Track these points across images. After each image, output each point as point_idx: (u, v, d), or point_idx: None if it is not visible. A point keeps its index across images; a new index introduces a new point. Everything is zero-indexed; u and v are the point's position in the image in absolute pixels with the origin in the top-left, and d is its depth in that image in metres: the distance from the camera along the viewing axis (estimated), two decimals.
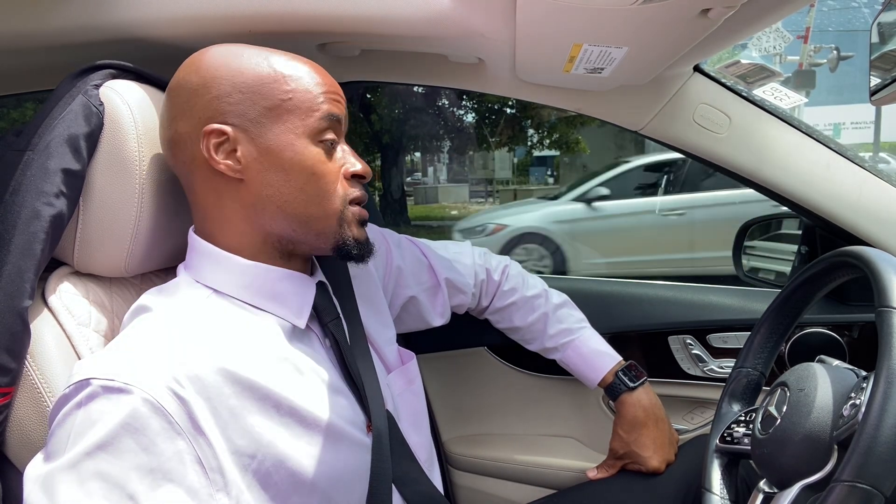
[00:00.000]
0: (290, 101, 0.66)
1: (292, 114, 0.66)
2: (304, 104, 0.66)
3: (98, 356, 0.58)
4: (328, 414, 0.67)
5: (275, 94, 0.66)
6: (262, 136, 0.65)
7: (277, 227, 0.68)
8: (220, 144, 0.65)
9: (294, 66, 0.68)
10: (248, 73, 0.66)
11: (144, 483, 0.52)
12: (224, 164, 0.65)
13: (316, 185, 0.67)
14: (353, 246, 0.70)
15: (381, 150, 10.34)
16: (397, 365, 0.86)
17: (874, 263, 0.63)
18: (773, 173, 1.01)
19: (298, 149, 0.66)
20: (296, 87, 0.66)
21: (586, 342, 1.05)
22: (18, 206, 0.64)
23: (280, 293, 0.69)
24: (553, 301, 1.08)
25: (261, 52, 0.68)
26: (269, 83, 0.66)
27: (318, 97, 0.67)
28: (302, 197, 0.67)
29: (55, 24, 0.82)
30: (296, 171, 0.66)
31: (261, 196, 0.66)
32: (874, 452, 0.51)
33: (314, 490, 0.64)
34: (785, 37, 7.80)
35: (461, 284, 1.04)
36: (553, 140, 12.21)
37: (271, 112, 0.65)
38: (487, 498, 1.25)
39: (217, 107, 0.65)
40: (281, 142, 0.65)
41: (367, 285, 0.87)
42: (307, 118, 0.66)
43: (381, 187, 10.39)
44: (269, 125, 0.65)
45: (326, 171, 0.68)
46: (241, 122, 0.65)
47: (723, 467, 0.78)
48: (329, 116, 0.68)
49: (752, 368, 0.84)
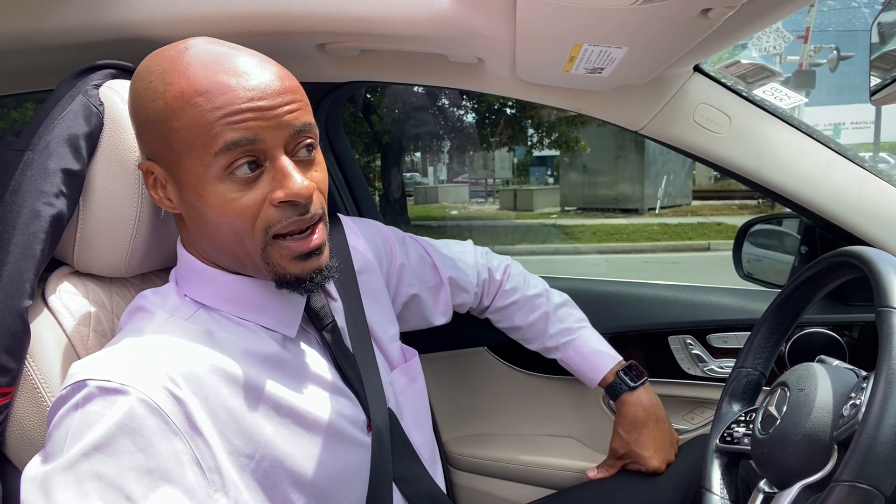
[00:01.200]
0: (183, 138, 0.58)
1: (188, 153, 0.59)
2: (197, 141, 0.58)
3: (94, 357, 0.58)
4: (327, 414, 0.67)
5: (169, 133, 0.59)
6: (176, 174, 0.61)
7: (224, 260, 0.65)
8: (155, 181, 0.64)
9: (186, 90, 0.58)
10: (149, 110, 0.60)
11: (142, 483, 0.52)
12: (160, 200, 0.64)
13: (229, 227, 0.60)
14: (290, 282, 0.63)
15: (381, 150, 10.34)
16: (400, 362, 0.86)
17: (874, 263, 0.63)
18: (773, 173, 1.01)
19: (202, 190, 0.59)
20: (184, 124, 0.58)
21: (587, 342, 1.05)
22: (18, 206, 0.64)
23: (264, 306, 0.67)
24: (554, 301, 1.09)
25: (165, 71, 0.60)
26: (163, 121, 0.59)
27: (210, 128, 0.57)
28: (220, 236, 0.62)
29: (55, 24, 0.82)
30: (206, 210, 0.60)
31: (197, 231, 0.64)
32: (874, 452, 0.51)
33: (313, 490, 0.64)
34: (785, 37, 7.80)
35: (464, 283, 1.04)
36: (553, 140, 12.22)
37: (172, 152, 0.60)
38: (487, 498, 1.25)
39: (144, 144, 0.64)
40: (189, 181, 0.60)
41: (372, 282, 0.87)
42: (204, 156, 0.58)
43: (381, 187, 10.38)
44: (177, 164, 0.60)
45: (238, 210, 0.59)
46: (159, 160, 0.62)
47: (723, 467, 0.78)
48: (227, 147, 0.57)
49: (752, 368, 0.84)
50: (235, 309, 0.66)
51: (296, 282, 0.63)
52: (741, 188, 10.69)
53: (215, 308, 0.66)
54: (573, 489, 1.05)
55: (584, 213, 13.10)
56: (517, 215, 13.42)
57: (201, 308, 0.66)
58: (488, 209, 15.01)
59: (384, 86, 7.90)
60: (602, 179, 13.36)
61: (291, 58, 0.96)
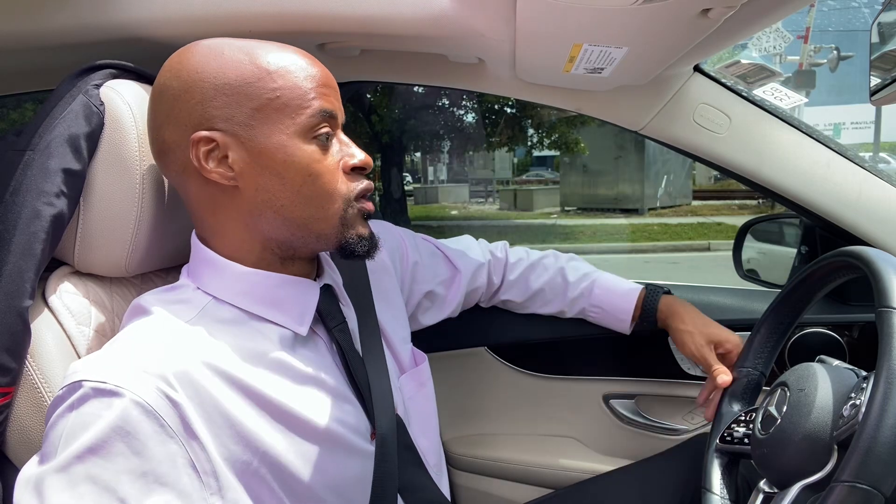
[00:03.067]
0: (277, 99, 0.62)
1: (281, 112, 0.62)
2: (294, 101, 0.63)
3: (92, 357, 0.57)
4: (328, 422, 0.66)
5: (261, 93, 0.62)
6: (252, 139, 0.62)
7: (276, 233, 0.65)
8: (210, 152, 0.62)
9: (280, 59, 0.64)
10: (231, 73, 0.62)
11: (136, 487, 0.51)
12: (216, 172, 0.62)
13: (313, 186, 0.64)
14: (356, 244, 0.67)
15: (381, 150, 10.34)
16: (411, 365, 0.85)
17: (874, 264, 0.63)
18: (773, 173, 1.01)
19: (291, 150, 0.63)
20: (283, 84, 0.62)
21: (607, 278, 1.07)
22: (19, 205, 0.64)
23: (279, 300, 0.67)
24: (563, 257, 1.11)
25: (244, 46, 0.64)
26: (254, 82, 0.62)
27: (308, 93, 0.63)
28: (300, 200, 0.64)
29: (55, 24, 0.82)
30: (291, 173, 0.63)
31: (256, 202, 0.64)
32: (874, 453, 0.51)
33: (311, 498, 0.64)
34: (785, 37, 7.80)
35: (476, 267, 1.06)
36: (553, 140, 12.22)
37: (259, 113, 0.62)
38: (487, 498, 1.25)
39: (202, 112, 0.62)
40: (272, 143, 0.62)
41: (385, 282, 0.86)
42: (298, 116, 0.63)
43: (381, 187, 10.39)
44: (259, 127, 0.62)
45: (323, 170, 0.64)
46: (229, 126, 0.62)
47: (723, 467, 0.78)
48: (321, 112, 0.64)
49: (752, 368, 0.84)
50: (248, 303, 0.66)
51: (363, 242, 0.68)
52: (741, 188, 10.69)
53: (227, 301, 0.66)
54: (572, 489, 1.05)
55: (584, 213, 13.10)
56: (517, 215, 13.43)
57: (211, 301, 0.65)
58: (488, 209, 15.02)
59: (384, 86, 7.90)
60: (602, 179, 13.36)
61: None
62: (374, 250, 0.70)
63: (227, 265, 0.66)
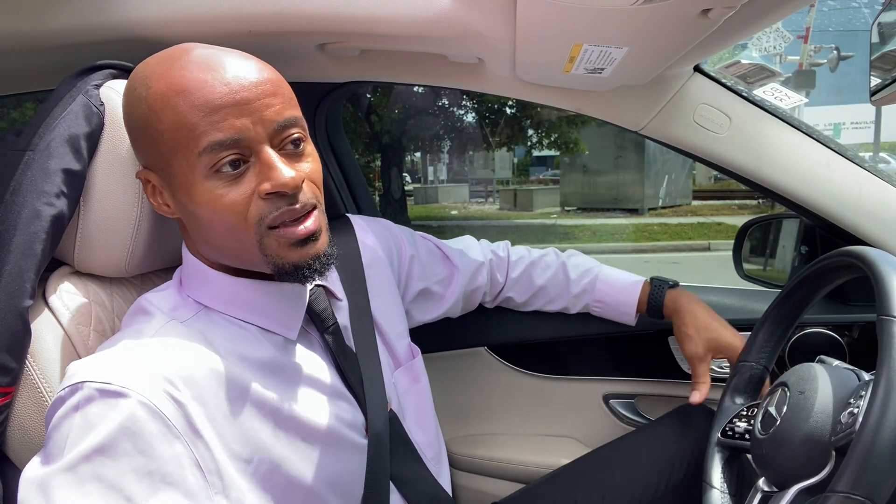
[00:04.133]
0: (167, 141, 0.59)
1: (175, 155, 0.59)
2: (182, 142, 0.58)
3: (93, 358, 0.58)
4: (325, 419, 0.67)
5: (155, 136, 0.60)
6: (167, 179, 0.62)
7: (219, 258, 0.66)
8: (153, 189, 0.65)
9: (166, 90, 0.58)
10: (135, 116, 0.62)
11: (142, 486, 0.52)
12: (159, 207, 0.65)
13: (221, 223, 0.60)
14: (289, 271, 0.62)
15: (380, 150, 10.34)
16: (407, 359, 0.86)
17: (877, 267, 0.63)
18: (773, 173, 1.01)
19: (191, 191, 0.59)
20: (167, 126, 0.58)
21: (610, 273, 1.07)
22: (19, 206, 0.64)
23: (266, 308, 0.67)
24: (564, 254, 1.11)
25: (147, 76, 0.61)
26: (148, 125, 0.60)
27: (193, 129, 0.57)
28: (216, 233, 0.62)
29: (55, 24, 0.82)
30: (199, 210, 0.60)
31: (196, 233, 0.65)
32: (869, 464, 0.51)
33: (310, 493, 0.64)
34: (785, 37, 7.80)
35: (476, 267, 1.06)
36: (553, 140, 12.22)
37: (161, 157, 0.60)
38: (487, 498, 1.25)
39: (137, 152, 0.66)
40: (178, 183, 0.60)
41: (381, 277, 0.87)
42: (189, 155, 0.58)
43: (381, 187, 10.39)
44: (167, 168, 0.61)
45: (228, 205, 0.59)
46: (152, 166, 0.63)
47: (723, 461, 0.78)
48: (212, 147, 0.57)
49: (755, 363, 0.84)
50: (236, 311, 0.66)
51: (294, 270, 0.62)
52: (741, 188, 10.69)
53: (216, 310, 0.66)
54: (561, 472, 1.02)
55: (584, 213, 13.10)
56: (517, 215, 13.43)
57: (203, 310, 0.66)
58: (488, 209, 15.02)
59: (384, 86, 7.90)
60: (602, 179, 13.36)
61: (291, 58, 0.97)
62: (312, 277, 0.64)
63: (212, 275, 0.67)
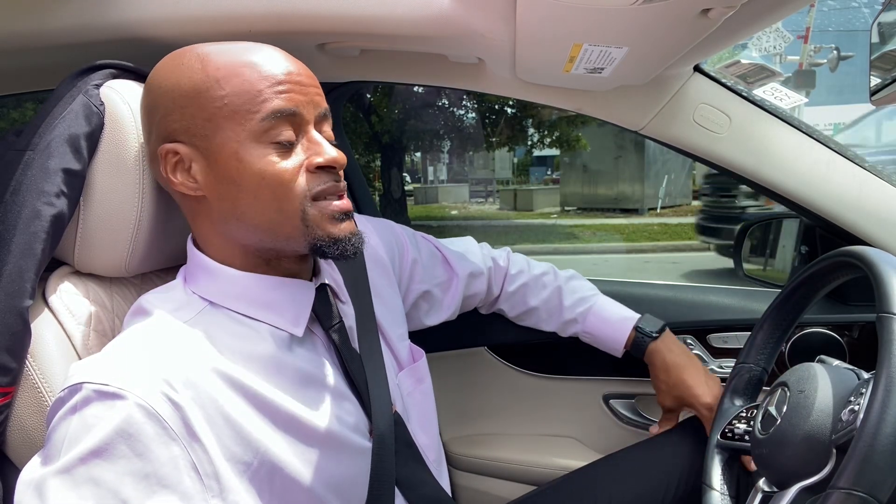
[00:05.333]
0: (225, 107, 0.61)
1: (231, 120, 0.61)
2: (243, 107, 0.61)
3: (93, 359, 0.58)
4: (328, 421, 0.67)
5: (210, 102, 0.62)
6: (208, 148, 0.62)
7: (247, 239, 0.66)
8: (176, 164, 0.64)
9: (231, 63, 0.62)
10: (185, 85, 0.62)
11: (138, 489, 0.51)
12: (182, 184, 0.64)
13: (269, 190, 0.62)
14: (327, 244, 0.64)
15: (381, 150, 10.33)
16: (409, 362, 0.86)
17: (877, 266, 0.63)
18: (773, 173, 1.01)
19: (243, 156, 0.61)
20: (231, 91, 0.61)
21: (604, 306, 1.06)
22: (19, 205, 0.64)
23: (273, 302, 0.67)
24: (562, 276, 1.10)
25: (204, 53, 0.63)
26: (203, 91, 0.62)
27: (258, 95, 0.61)
28: (258, 205, 0.63)
29: (55, 24, 0.82)
30: (245, 178, 0.62)
31: (222, 210, 0.64)
32: (871, 461, 0.51)
33: (312, 496, 0.64)
34: (785, 37, 7.80)
35: (477, 270, 1.05)
36: (553, 139, 12.21)
37: (210, 123, 0.62)
38: (487, 498, 1.25)
39: (166, 126, 0.64)
40: (225, 152, 0.62)
41: (382, 279, 0.87)
42: (248, 122, 0.61)
43: (381, 187, 10.38)
44: (213, 137, 0.62)
45: (279, 172, 0.62)
46: (188, 137, 0.63)
47: (723, 463, 0.78)
48: (274, 115, 0.61)
49: (754, 364, 0.85)
50: (244, 307, 0.66)
51: (333, 243, 0.64)
52: None
53: (222, 305, 0.66)
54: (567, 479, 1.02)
55: (584, 213, 13.10)
56: (517, 215, 13.42)
57: (208, 306, 0.66)
58: (488, 209, 15.01)
59: (384, 86, 7.90)
60: (602, 179, 13.35)
61: None
62: (349, 252, 0.66)
63: (219, 270, 0.67)
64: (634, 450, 1.01)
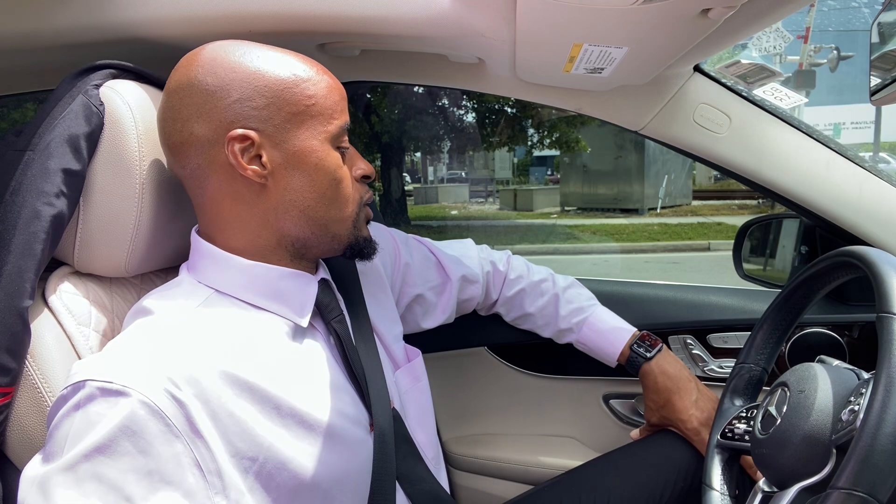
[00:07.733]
0: (314, 106, 0.66)
1: (315, 119, 0.67)
2: (326, 110, 0.67)
3: (96, 357, 0.58)
4: (330, 414, 0.67)
5: (298, 98, 0.66)
6: (286, 141, 0.65)
7: (297, 231, 0.69)
8: (244, 149, 0.64)
9: (311, 70, 0.68)
10: (270, 77, 0.65)
11: (142, 485, 0.52)
12: (251, 169, 0.64)
13: (336, 190, 0.69)
14: (364, 246, 0.74)
15: (380, 150, 10.34)
16: (404, 362, 0.87)
17: (877, 266, 0.63)
18: (773, 173, 1.01)
19: (321, 154, 0.67)
20: (317, 93, 0.67)
21: (600, 318, 1.05)
22: (19, 205, 0.64)
23: (281, 291, 0.69)
24: (560, 283, 1.09)
25: (275, 53, 0.68)
26: (292, 87, 0.66)
27: (336, 104, 0.69)
28: (323, 202, 0.68)
29: (55, 24, 0.82)
30: (319, 175, 0.67)
31: (283, 200, 0.67)
32: (871, 461, 0.51)
33: (317, 491, 0.64)
34: (785, 37, 7.80)
35: (472, 277, 1.05)
36: (553, 139, 12.21)
37: (296, 117, 0.66)
38: (487, 498, 1.25)
39: (239, 111, 0.64)
40: (306, 147, 0.66)
41: (375, 282, 0.88)
42: (328, 124, 0.67)
43: (380, 188, 10.39)
44: (294, 130, 0.66)
45: (344, 176, 0.70)
46: (265, 126, 0.65)
47: (723, 463, 0.78)
48: (343, 129, 0.69)
49: (754, 364, 0.85)
50: (250, 295, 0.67)
51: (367, 243, 0.75)
52: (741, 188, 10.68)
53: (228, 293, 0.67)
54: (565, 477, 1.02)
55: (584, 213, 13.10)
56: (517, 215, 13.43)
57: (213, 293, 0.66)
58: (488, 209, 15.02)
59: (384, 86, 7.90)
60: (602, 179, 13.36)
61: None
62: (374, 252, 0.76)
63: (229, 258, 0.67)
64: (634, 448, 1.01)
